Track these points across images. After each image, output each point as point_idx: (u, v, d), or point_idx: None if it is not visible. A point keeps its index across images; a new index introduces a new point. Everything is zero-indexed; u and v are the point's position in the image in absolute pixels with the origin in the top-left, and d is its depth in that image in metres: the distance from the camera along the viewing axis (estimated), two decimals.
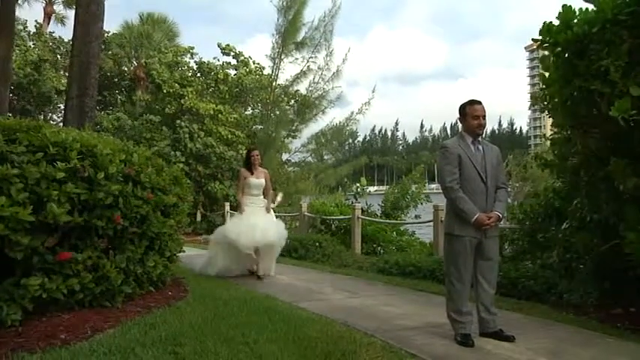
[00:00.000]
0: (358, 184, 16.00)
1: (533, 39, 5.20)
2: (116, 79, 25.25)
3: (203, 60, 22.30)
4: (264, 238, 7.50)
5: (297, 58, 19.27)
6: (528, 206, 6.79)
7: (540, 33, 5.09)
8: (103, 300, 4.58)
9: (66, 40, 24.47)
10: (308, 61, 19.21)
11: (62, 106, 21.10)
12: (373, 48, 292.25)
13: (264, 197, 7.97)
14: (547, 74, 5.34)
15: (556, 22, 4.96)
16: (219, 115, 19.63)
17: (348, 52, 20.46)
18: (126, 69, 25.21)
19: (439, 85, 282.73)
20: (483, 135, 4.46)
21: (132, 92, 24.02)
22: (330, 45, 19.12)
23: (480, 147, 4.32)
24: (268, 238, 7.56)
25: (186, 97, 19.51)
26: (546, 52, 5.27)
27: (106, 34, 23.58)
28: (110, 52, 24.34)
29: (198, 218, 18.83)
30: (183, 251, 6.32)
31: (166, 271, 5.65)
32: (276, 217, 8.37)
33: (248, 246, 7.44)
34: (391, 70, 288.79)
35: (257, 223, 7.53)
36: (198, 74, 21.99)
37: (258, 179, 7.87)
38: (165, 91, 20.08)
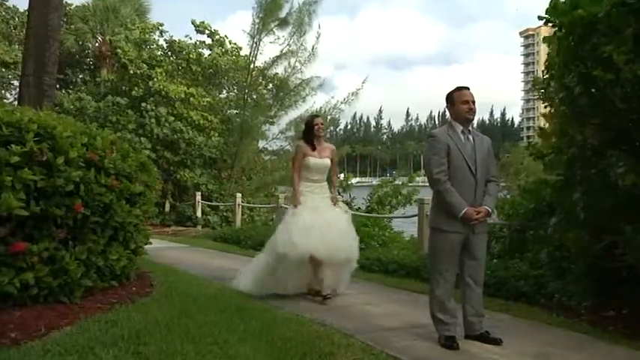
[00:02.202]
0: (343, 177, 16.01)
1: (539, 16, 5.21)
2: (78, 57, 24.82)
3: (174, 38, 22.05)
4: (330, 244, 5.77)
5: (278, 37, 19.15)
6: (518, 201, 6.86)
7: (546, 12, 5.10)
8: (61, 295, 4.52)
9: (21, 10, 23.90)
10: (289, 42, 19.10)
11: (15, 83, 20.69)
12: (364, 28, 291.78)
13: (329, 183, 6.39)
14: (548, 60, 5.37)
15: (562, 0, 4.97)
16: (191, 99, 19.44)
17: (320, 32, 20.16)
18: (90, 45, 24.81)
19: (432, 70, 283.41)
20: (473, 125, 4.48)
21: (96, 71, 23.63)
22: (310, 24, 19.02)
23: (471, 137, 4.34)
24: (336, 244, 5.83)
25: (155, 79, 19.29)
26: (551, 32, 5.30)
27: (67, 7, 23.15)
28: (72, 27, 23.90)
29: (167, 208, 18.69)
30: (150, 243, 6.26)
31: (131, 264, 5.59)
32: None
33: (304, 255, 5.73)
34: (382, 53, 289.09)
35: (318, 221, 5.86)
36: (169, 53, 21.75)
37: (322, 158, 6.22)
38: (132, 71, 19.81)
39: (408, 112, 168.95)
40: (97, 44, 24.62)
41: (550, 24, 5.12)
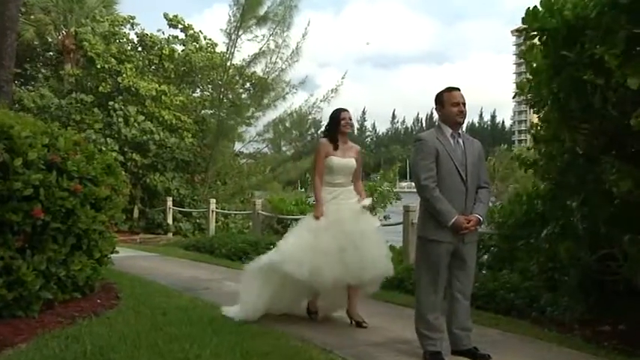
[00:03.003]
0: None
1: (517, 28, 5.27)
2: (39, 50, 24.55)
3: (145, 32, 21.93)
4: (365, 268, 5.22)
5: (257, 36, 19.14)
6: (508, 209, 6.90)
7: (524, 20, 5.16)
8: (16, 309, 4.46)
9: None
10: (270, 39, 19.10)
11: None
12: (351, 24, 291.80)
13: (355, 187, 5.72)
14: (534, 64, 5.43)
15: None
16: (163, 97, 19.33)
17: (307, 29, 20.25)
18: (51, 39, 24.55)
19: (422, 69, 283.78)
20: (463, 128, 4.50)
21: (59, 66, 23.37)
22: (292, 20, 19.05)
23: (460, 141, 4.35)
24: (373, 266, 5.30)
25: (125, 75, 19.15)
26: (534, 41, 5.36)
27: None
28: (32, 17, 23.63)
29: (136, 215, 18.52)
30: (117, 252, 6.21)
31: (95, 274, 5.55)
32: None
33: (330, 283, 5.20)
34: (369, 51, 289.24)
35: (342, 242, 5.23)
36: (140, 48, 21.61)
37: (347, 158, 5.62)
38: (99, 66, 19.62)
39: (394, 114, 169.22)
40: (60, 37, 24.35)
41: (531, 32, 5.16)
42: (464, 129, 4.55)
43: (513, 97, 6.44)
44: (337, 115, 5.68)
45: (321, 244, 5.20)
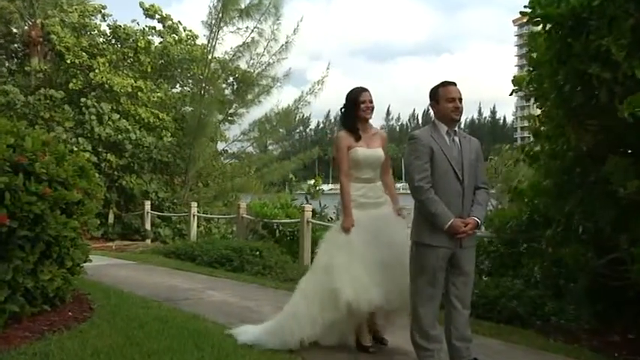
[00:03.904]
0: (311, 182, 16.06)
1: (521, 12, 5.28)
2: (3, 42, 24.39)
3: (119, 23, 21.84)
4: (401, 283, 4.61)
5: (239, 28, 19.15)
6: (509, 211, 6.93)
7: (529, 7, 5.16)
8: None
9: None
10: (252, 32, 19.11)
11: None
12: (344, 14, 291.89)
13: (384, 186, 5.21)
14: (535, 55, 5.45)
15: None
16: (139, 93, 19.27)
17: (300, 22, 20.32)
18: (16, 29, 24.39)
19: (419, 61, 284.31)
20: (460, 125, 4.51)
21: (25, 60, 23.24)
22: (278, 14, 19.06)
23: (457, 139, 4.36)
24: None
25: (97, 70, 19.08)
26: (537, 28, 5.38)
27: None
28: None
29: (111, 220, 18.45)
30: (90, 260, 6.19)
31: (66, 285, 5.52)
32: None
33: (369, 308, 4.73)
34: (363, 42, 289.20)
35: (381, 255, 4.75)
36: (113, 41, 21.53)
37: (372, 148, 5.06)
38: (69, 61, 19.55)
39: (388, 110, 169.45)
40: (25, 28, 24.19)
41: (534, 19, 5.17)
42: (462, 125, 4.55)
43: (510, 94, 6.43)
44: (356, 97, 5.08)
45: (359, 263, 4.70)
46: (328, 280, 4.70)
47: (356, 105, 5.04)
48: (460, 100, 4.37)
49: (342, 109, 5.21)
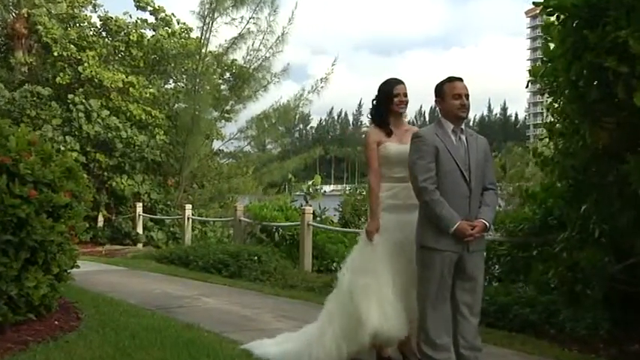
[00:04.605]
0: (311, 182, 16.06)
1: (534, 2, 5.28)
2: None
3: (110, 15, 21.87)
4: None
5: (234, 19, 19.16)
6: (522, 213, 6.92)
7: None
8: None
9: None
10: (248, 22, 19.14)
11: None
12: (348, 6, 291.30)
13: None
14: (551, 46, 5.44)
15: None
16: (131, 89, 19.28)
17: (294, 10, 20.26)
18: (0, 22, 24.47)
19: (428, 55, 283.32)
20: (470, 122, 4.51)
21: (9, 53, 23.28)
22: (275, 4, 19.08)
23: (463, 137, 4.36)
24: None
25: (86, 64, 19.09)
26: (551, 18, 5.37)
27: None
28: None
29: (100, 223, 18.48)
30: (78, 267, 6.19)
31: (53, 292, 5.52)
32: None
33: (393, 344, 4.78)
34: (369, 36, 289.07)
35: (410, 271, 4.59)
36: (103, 34, 21.56)
37: (405, 144, 4.68)
38: (56, 54, 19.56)
39: None
40: (9, 19, 24.21)
41: (548, 9, 5.16)
42: (471, 123, 4.54)
43: (526, 86, 6.46)
44: (390, 90, 4.92)
45: (382, 286, 4.55)
46: (352, 305, 4.56)
47: (389, 98, 4.92)
48: (467, 96, 4.36)
49: (374, 102, 5.07)
